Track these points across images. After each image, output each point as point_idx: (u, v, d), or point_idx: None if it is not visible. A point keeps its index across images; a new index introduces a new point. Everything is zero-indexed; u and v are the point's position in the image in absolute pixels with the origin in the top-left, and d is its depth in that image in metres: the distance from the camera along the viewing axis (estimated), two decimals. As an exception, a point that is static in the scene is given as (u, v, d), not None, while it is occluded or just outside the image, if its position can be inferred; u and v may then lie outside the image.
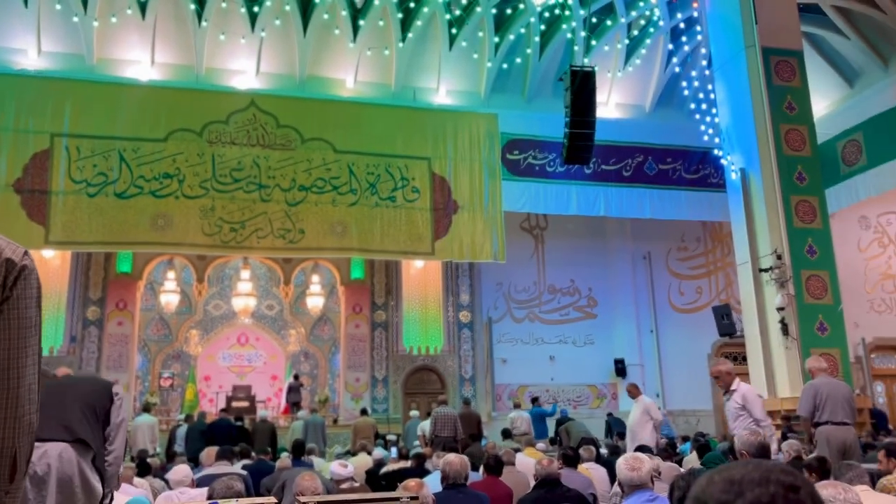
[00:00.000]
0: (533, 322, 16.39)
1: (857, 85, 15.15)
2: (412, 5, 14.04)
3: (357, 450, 9.11)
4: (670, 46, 15.43)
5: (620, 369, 16.10)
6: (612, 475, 5.52)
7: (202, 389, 15.36)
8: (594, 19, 14.59)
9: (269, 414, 13.21)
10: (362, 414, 12.88)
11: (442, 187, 13.88)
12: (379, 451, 9.06)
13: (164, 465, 8.57)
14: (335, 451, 12.12)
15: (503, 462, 5.35)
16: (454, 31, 14.45)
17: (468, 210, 13.88)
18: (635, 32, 15.27)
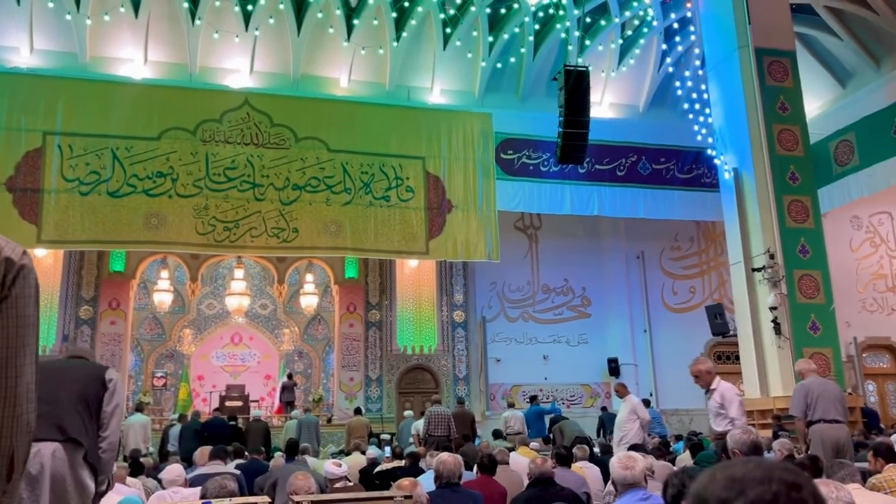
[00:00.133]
0: (527, 321, 16.41)
1: (849, 85, 15.22)
2: (406, 4, 14.02)
3: (351, 449, 9.10)
4: (664, 46, 15.47)
5: (614, 369, 16.15)
6: (606, 474, 5.54)
7: (195, 389, 15.32)
8: (588, 19, 14.62)
9: (262, 413, 13.17)
10: (356, 413, 12.87)
11: (436, 187, 13.88)
12: (373, 451, 9.05)
13: (157, 465, 8.54)
14: (329, 451, 12.10)
15: (497, 461, 5.35)
16: (448, 30, 14.45)
17: (462, 209, 13.88)
18: (629, 32, 15.30)
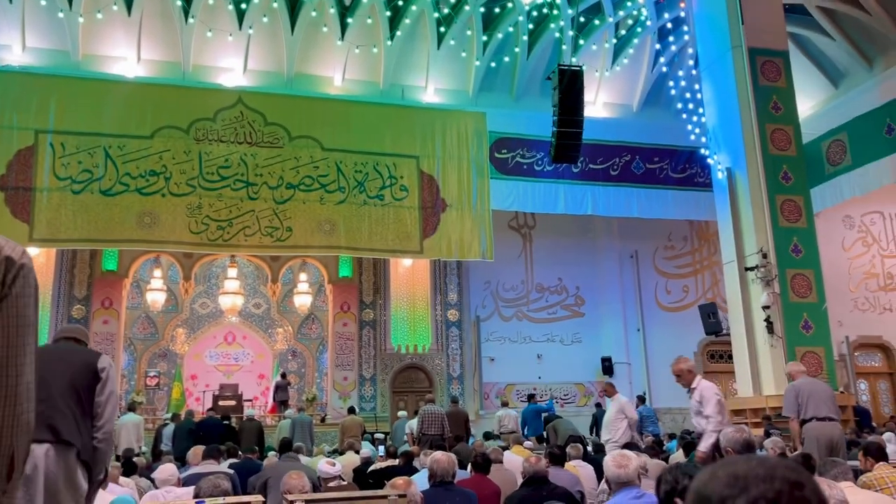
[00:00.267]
0: (521, 321, 16.43)
1: (841, 85, 15.28)
2: (400, 3, 14.01)
3: (345, 448, 9.09)
4: (657, 46, 15.49)
5: (607, 368, 16.17)
6: (600, 473, 5.55)
7: (189, 388, 15.28)
8: (582, 18, 14.63)
9: (256, 413, 13.15)
10: (350, 412, 12.85)
11: (430, 186, 13.87)
12: (367, 450, 9.04)
13: (150, 465, 8.51)
14: (324, 450, 12.09)
15: (491, 460, 5.35)
16: (442, 29, 14.44)
17: (456, 208, 13.88)
18: (623, 32, 15.32)
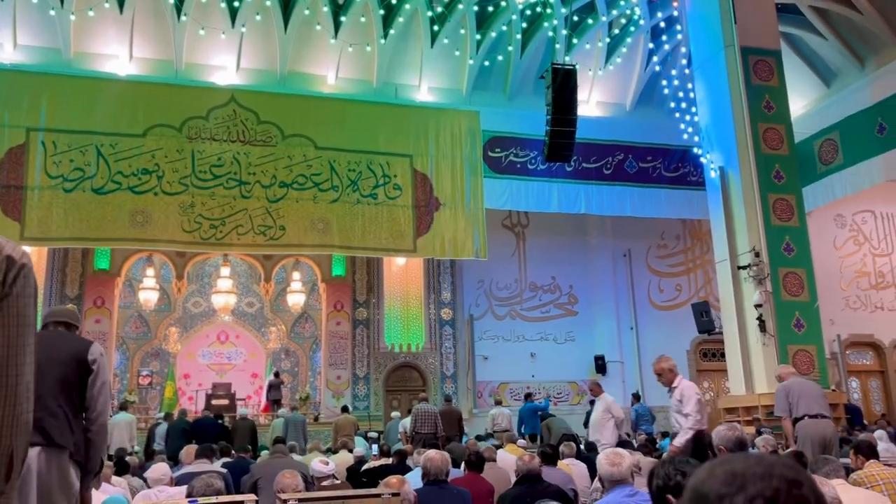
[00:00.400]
0: (514, 319, 16.44)
1: (833, 85, 15.35)
2: (394, 2, 13.99)
3: (338, 447, 9.09)
4: (651, 45, 15.53)
5: (601, 366, 16.21)
6: (593, 471, 5.56)
7: (181, 387, 15.23)
8: (575, 17, 14.65)
9: (249, 412, 13.11)
10: (343, 411, 12.84)
11: (424, 184, 13.87)
12: (360, 448, 9.04)
13: (142, 464, 8.49)
14: (319, 447, 12.06)
15: (484, 458, 5.36)
16: (436, 27, 14.43)
17: (450, 207, 13.88)
18: (616, 31, 15.35)
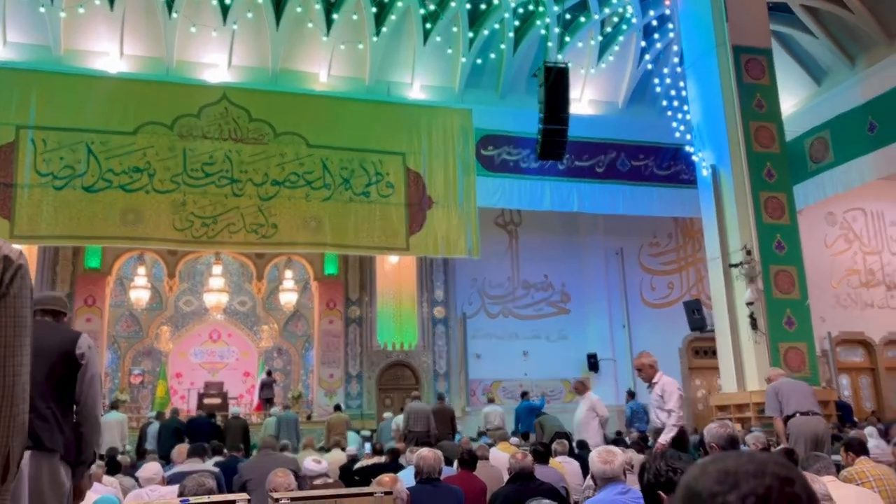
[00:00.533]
0: (507, 317, 16.45)
1: (824, 83, 15.41)
2: (386, -1, 13.97)
3: (331, 446, 9.08)
4: (643, 44, 15.55)
5: (593, 364, 16.25)
6: (585, 468, 5.57)
7: (173, 386, 15.17)
8: (568, 16, 14.65)
9: (241, 411, 13.09)
10: (336, 410, 12.84)
11: (416, 183, 13.85)
12: (353, 445, 9.04)
13: (134, 463, 8.46)
14: (313, 443, 12.05)
15: (477, 456, 5.36)
16: (428, 25, 14.40)
17: (443, 205, 13.87)
18: (608, 29, 15.36)
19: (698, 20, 12.06)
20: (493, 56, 15.09)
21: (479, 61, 15.09)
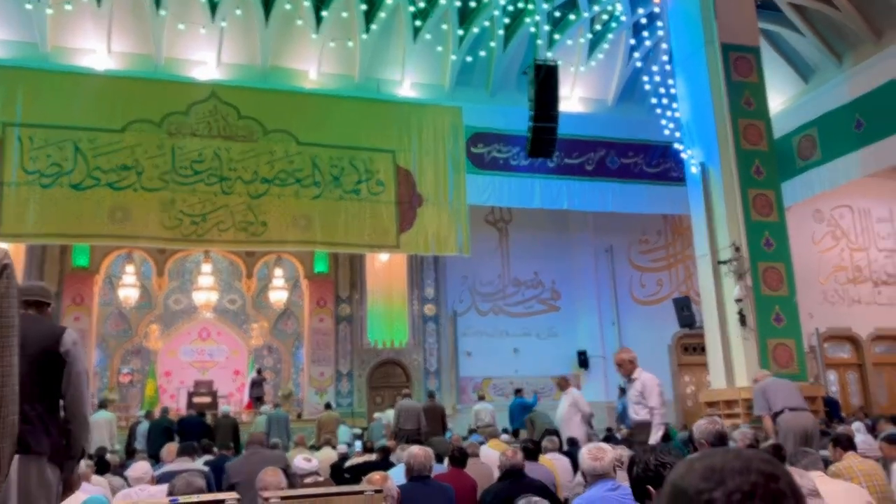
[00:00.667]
0: (497, 315, 16.48)
1: (812, 81, 15.49)
2: (376, -3, 13.93)
3: (321, 444, 9.07)
4: (632, 41, 15.58)
5: (583, 361, 16.31)
6: (576, 465, 5.59)
7: (163, 385, 15.11)
8: (557, 14, 14.65)
9: (231, 409, 13.06)
10: (326, 408, 12.83)
11: (406, 180, 13.83)
12: (344, 443, 9.04)
13: (123, 463, 8.42)
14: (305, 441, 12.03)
15: (468, 454, 5.37)
16: (418, 23, 14.38)
17: (433, 203, 13.86)
18: (598, 27, 15.37)
19: (687, 18, 12.10)
20: (482, 54, 15.08)
21: (468, 59, 15.07)
